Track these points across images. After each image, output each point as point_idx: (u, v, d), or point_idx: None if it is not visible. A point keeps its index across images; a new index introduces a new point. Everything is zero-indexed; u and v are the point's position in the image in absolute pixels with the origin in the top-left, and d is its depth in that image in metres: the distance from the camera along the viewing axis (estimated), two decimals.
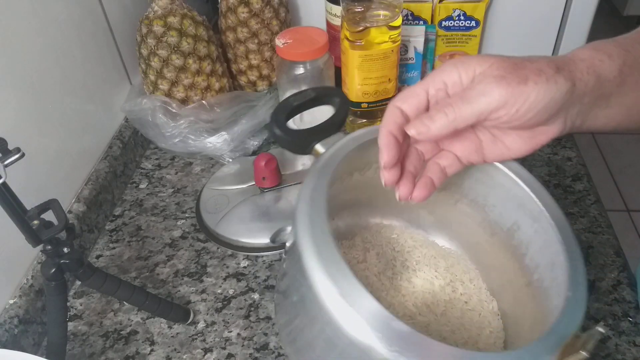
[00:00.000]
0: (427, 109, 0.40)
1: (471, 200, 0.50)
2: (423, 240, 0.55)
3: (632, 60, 0.37)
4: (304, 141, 0.46)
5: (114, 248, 0.66)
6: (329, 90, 0.49)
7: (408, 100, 0.40)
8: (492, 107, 0.36)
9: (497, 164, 0.45)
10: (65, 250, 0.46)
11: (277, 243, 0.44)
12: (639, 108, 0.40)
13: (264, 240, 0.64)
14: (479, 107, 0.36)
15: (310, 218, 0.38)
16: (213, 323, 0.57)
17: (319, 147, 0.45)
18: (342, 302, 0.33)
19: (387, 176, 0.40)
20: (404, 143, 0.41)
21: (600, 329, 0.33)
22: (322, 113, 0.77)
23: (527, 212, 0.44)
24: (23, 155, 0.40)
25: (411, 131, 0.38)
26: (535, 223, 0.44)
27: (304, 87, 0.75)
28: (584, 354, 0.32)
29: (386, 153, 0.39)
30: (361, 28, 0.69)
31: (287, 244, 0.43)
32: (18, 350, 0.43)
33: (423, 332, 0.32)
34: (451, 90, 0.39)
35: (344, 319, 0.33)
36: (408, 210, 0.54)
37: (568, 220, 0.42)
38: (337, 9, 0.78)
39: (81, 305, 0.60)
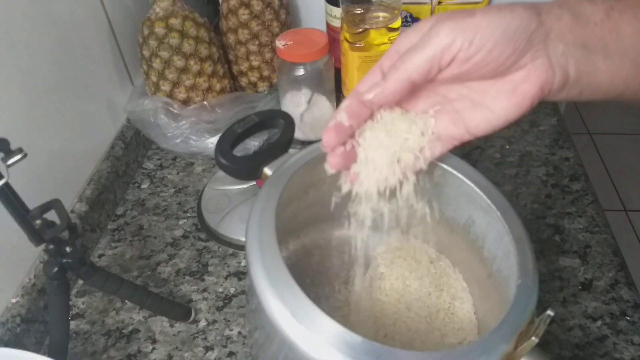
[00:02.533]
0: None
1: (426, 202, 0.50)
2: (388, 244, 0.55)
3: (622, 6, 0.33)
4: (251, 166, 0.46)
5: (116, 247, 0.67)
6: (273, 113, 0.50)
7: (365, 81, 0.38)
8: (441, 46, 0.33)
9: (440, 163, 0.45)
10: (68, 249, 0.46)
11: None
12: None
13: None
14: (428, 51, 0.34)
15: (259, 241, 0.38)
16: (214, 321, 0.57)
17: (267, 170, 0.46)
18: (295, 323, 0.33)
19: (325, 138, 0.39)
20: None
21: (550, 312, 0.34)
22: (320, 111, 0.78)
23: (477, 206, 0.45)
24: (25, 155, 0.40)
25: (367, 96, 0.37)
26: (487, 216, 0.44)
27: (304, 88, 0.75)
28: (534, 339, 0.33)
29: (325, 136, 0.39)
30: (361, 30, 0.69)
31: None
32: (20, 349, 0.43)
33: (390, 339, 0.33)
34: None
35: (299, 339, 0.33)
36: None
37: (514, 209, 0.43)
38: (337, 11, 0.78)
39: (83, 304, 0.60)
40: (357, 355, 0.32)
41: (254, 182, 0.70)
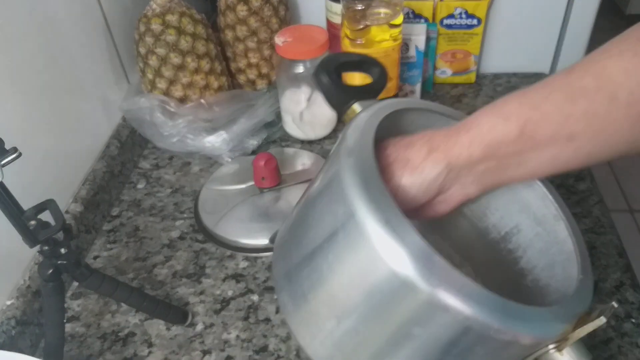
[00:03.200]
0: None
1: (474, 203, 0.50)
2: None
3: (539, 116, 0.35)
4: (345, 95, 0.45)
5: (111, 249, 0.66)
6: (371, 60, 0.49)
7: None
8: None
9: None
10: (63, 251, 0.46)
11: (275, 245, 0.44)
12: (578, 155, 0.36)
13: (263, 241, 0.63)
14: None
15: (359, 146, 0.37)
16: (212, 325, 0.56)
17: (357, 106, 0.45)
18: (386, 232, 0.32)
19: None
20: None
21: (614, 303, 0.34)
22: (320, 109, 0.77)
23: (530, 215, 0.44)
24: (20, 155, 0.40)
25: None
26: (539, 226, 0.44)
27: (303, 86, 0.74)
28: (603, 318, 0.33)
29: None
30: (362, 26, 0.68)
31: (326, 166, 0.41)
32: (15, 351, 0.42)
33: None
34: None
35: (386, 249, 0.32)
36: None
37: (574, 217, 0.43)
38: (338, 7, 0.77)
39: (79, 306, 0.59)
40: (444, 278, 0.31)
41: (251, 183, 0.69)
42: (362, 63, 0.49)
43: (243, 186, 0.70)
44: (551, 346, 0.34)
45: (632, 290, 0.57)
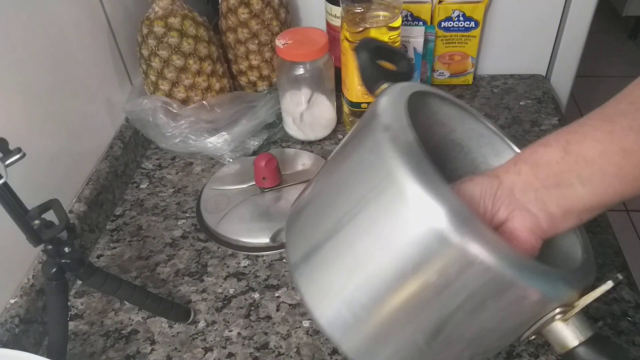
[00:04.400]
0: None
1: None
2: None
3: (579, 137, 0.35)
4: (377, 74, 0.47)
5: (114, 248, 0.66)
6: (402, 53, 0.52)
7: None
8: None
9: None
10: (66, 250, 0.46)
11: (277, 243, 0.44)
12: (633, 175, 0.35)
13: (264, 240, 0.64)
14: None
15: (394, 119, 0.38)
16: (213, 322, 0.57)
17: (385, 86, 0.46)
18: (424, 188, 0.33)
19: None
20: None
21: (619, 275, 0.35)
22: (320, 110, 0.77)
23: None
24: (24, 155, 0.40)
25: None
26: None
27: (304, 88, 0.75)
28: (610, 282, 0.34)
29: None
30: (361, 29, 0.69)
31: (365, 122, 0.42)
32: (19, 349, 0.43)
33: None
34: None
35: (422, 204, 0.33)
36: None
37: None
38: (337, 10, 0.78)
39: (82, 304, 0.60)
40: (472, 228, 0.32)
41: (252, 182, 0.70)
42: (394, 54, 0.51)
43: (244, 186, 0.71)
44: (557, 310, 0.35)
45: (628, 289, 0.57)
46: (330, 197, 0.40)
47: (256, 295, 0.59)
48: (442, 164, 0.52)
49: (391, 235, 0.35)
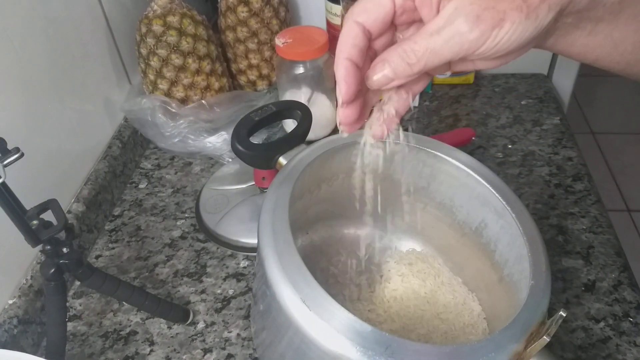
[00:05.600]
0: (392, 22, 0.34)
1: (439, 203, 0.50)
2: (397, 246, 0.55)
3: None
4: (266, 155, 0.46)
5: (113, 248, 0.66)
6: (291, 104, 0.50)
7: (371, 13, 0.33)
8: (462, 51, 0.31)
9: (458, 164, 0.45)
10: (65, 250, 0.46)
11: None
12: (625, 47, 0.33)
13: None
14: (447, 54, 0.31)
15: (272, 228, 0.38)
16: (213, 323, 0.57)
17: (282, 160, 0.46)
18: (307, 311, 0.33)
19: (342, 115, 0.35)
20: (365, 66, 0.35)
21: (562, 313, 0.34)
22: (320, 110, 0.77)
23: (491, 209, 0.45)
24: (22, 155, 0.40)
25: (369, 81, 0.34)
26: (501, 219, 0.44)
27: (303, 87, 0.75)
28: (545, 338, 0.33)
29: (345, 87, 0.34)
30: None
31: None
32: (17, 350, 0.43)
33: (402, 335, 0.32)
34: (418, 2, 0.33)
35: (311, 328, 0.33)
36: (381, 219, 0.52)
37: (529, 212, 0.43)
38: (337, 8, 0.78)
39: (80, 305, 0.60)
40: (368, 344, 0.32)
41: (252, 182, 0.69)
42: (282, 111, 0.49)
43: (243, 186, 0.70)
44: None
45: (630, 290, 0.57)
46: (258, 306, 0.42)
47: None
48: (389, 176, 0.50)
49: (300, 354, 0.35)
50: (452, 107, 0.86)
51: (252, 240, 0.64)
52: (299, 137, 0.48)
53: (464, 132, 0.76)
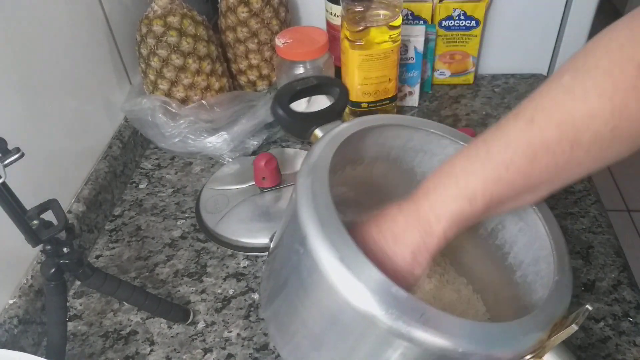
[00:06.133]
0: None
1: None
2: None
3: (502, 187, 0.36)
4: (304, 124, 0.46)
5: (113, 248, 0.66)
6: (330, 80, 0.50)
7: None
8: None
9: None
10: (65, 250, 0.46)
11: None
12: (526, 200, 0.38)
13: (263, 240, 0.63)
14: None
15: (312, 188, 0.37)
16: (213, 323, 0.57)
17: (318, 132, 0.45)
18: (345, 270, 0.33)
19: None
20: None
21: (588, 306, 0.34)
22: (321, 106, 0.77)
23: (512, 210, 0.45)
24: (23, 155, 0.40)
25: None
26: (521, 221, 0.44)
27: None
28: (574, 326, 0.33)
29: None
30: (361, 28, 0.69)
31: (285, 216, 0.42)
32: (17, 350, 0.43)
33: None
34: None
35: (347, 288, 0.33)
36: None
37: (552, 213, 0.43)
38: (337, 9, 0.78)
39: (81, 305, 0.60)
40: (403, 309, 0.31)
41: (252, 182, 0.69)
42: (321, 86, 0.49)
43: (244, 186, 0.70)
44: (528, 357, 0.34)
45: (630, 290, 0.57)
46: (277, 267, 0.41)
47: (256, 296, 0.59)
48: (410, 170, 0.51)
49: (324, 310, 0.35)
50: (452, 107, 0.86)
51: (252, 240, 0.64)
52: (336, 112, 0.47)
53: (463, 132, 0.76)
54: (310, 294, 0.37)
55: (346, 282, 0.32)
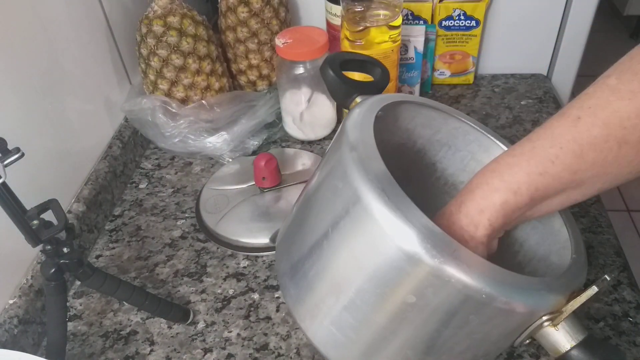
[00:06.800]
0: None
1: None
2: None
3: (548, 180, 0.35)
4: (349, 89, 0.47)
5: (113, 248, 0.66)
6: (375, 62, 0.51)
7: None
8: None
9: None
10: (65, 250, 0.46)
11: (277, 243, 0.44)
12: (573, 199, 0.38)
13: (263, 240, 0.63)
14: None
15: (361, 133, 0.38)
16: (213, 323, 0.57)
17: (359, 100, 0.46)
18: (389, 202, 0.33)
19: None
20: None
21: (607, 277, 0.35)
22: (321, 110, 0.77)
23: (559, 209, 0.45)
24: (22, 155, 0.40)
25: None
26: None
27: (304, 87, 0.75)
28: (595, 287, 0.34)
29: None
30: (361, 28, 0.69)
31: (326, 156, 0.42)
32: (18, 350, 0.42)
33: None
34: None
35: (389, 222, 0.33)
36: None
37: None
38: (337, 9, 0.78)
39: (81, 305, 0.60)
40: (438, 242, 0.32)
41: (252, 182, 0.70)
42: (366, 63, 0.50)
43: (244, 186, 0.70)
44: (545, 318, 0.34)
45: (630, 290, 0.57)
46: (309, 220, 0.41)
47: (256, 296, 0.59)
48: (431, 164, 0.52)
49: (366, 260, 0.35)
50: (452, 107, 0.86)
51: (252, 240, 0.64)
52: (378, 88, 0.48)
53: None
54: (351, 239, 0.37)
55: (396, 225, 0.33)
